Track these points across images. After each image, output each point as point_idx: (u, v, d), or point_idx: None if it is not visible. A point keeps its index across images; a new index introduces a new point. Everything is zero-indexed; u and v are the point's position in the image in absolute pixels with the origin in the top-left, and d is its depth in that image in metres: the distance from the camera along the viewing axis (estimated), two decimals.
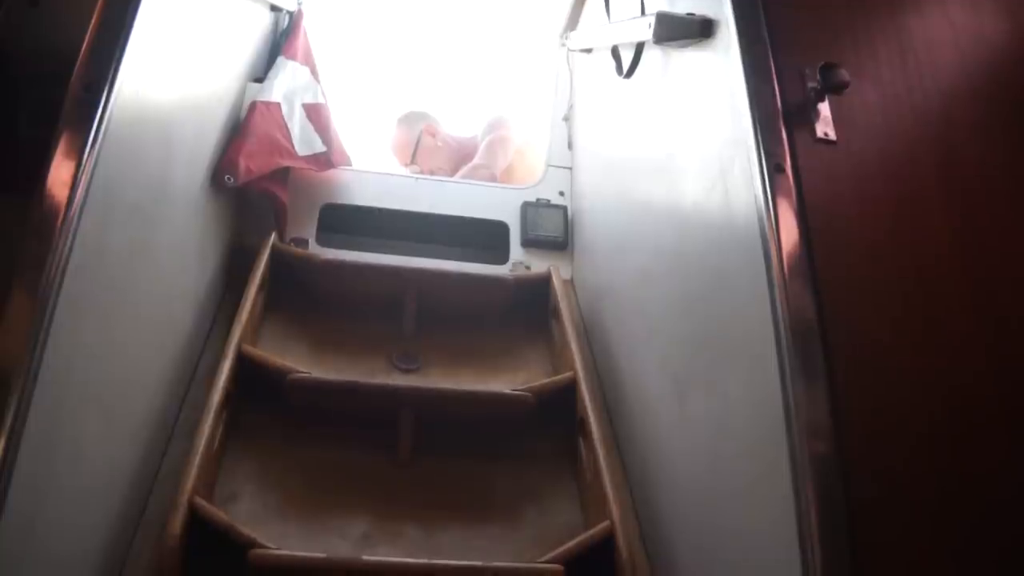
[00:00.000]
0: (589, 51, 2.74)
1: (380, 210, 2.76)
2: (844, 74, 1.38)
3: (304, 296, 2.39)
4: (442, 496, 1.90)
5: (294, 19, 2.86)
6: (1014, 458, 1.22)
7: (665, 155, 1.89)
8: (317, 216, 2.67)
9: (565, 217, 2.79)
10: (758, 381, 1.31)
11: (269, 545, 1.59)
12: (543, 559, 1.67)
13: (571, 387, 2.09)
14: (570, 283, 2.62)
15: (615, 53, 2.27)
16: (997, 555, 1.16)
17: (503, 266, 2.67)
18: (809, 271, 1.29)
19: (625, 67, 2.17)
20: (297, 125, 2.61)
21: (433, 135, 3.32)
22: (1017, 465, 1.22)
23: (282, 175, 2.56)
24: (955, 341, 1.30)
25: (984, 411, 1.25)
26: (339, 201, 2.74)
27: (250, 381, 1.98)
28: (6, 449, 1.07)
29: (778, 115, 1.42)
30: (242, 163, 2.29)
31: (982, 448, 1.23)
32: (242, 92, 2.53)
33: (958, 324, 1.31)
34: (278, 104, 2.56)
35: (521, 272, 2.61)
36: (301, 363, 2.10)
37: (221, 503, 1.74)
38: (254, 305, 2.18)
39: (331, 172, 2.73)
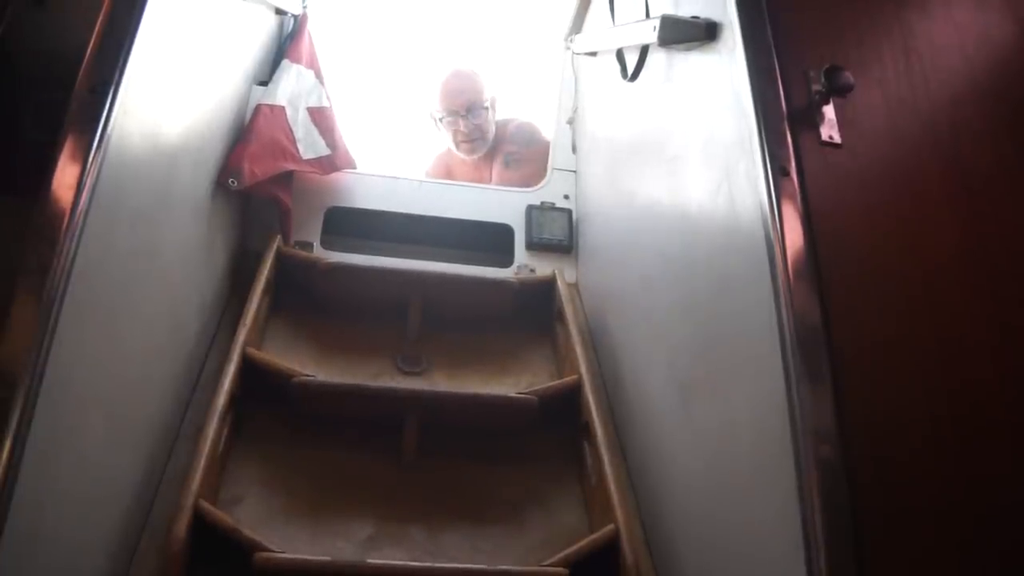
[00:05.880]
0: (594, 54, 2.73)
1: (385, 213, 2.76)
2: (849, 77, 1.38)
3: (309, 299, 2.39)
4: (447, 499, 1.90)
5: (299, 22, 2.86)
6: (1020, 463, 1.22)
7: (669, 158, 1.89)
8: (322, 219, 2.67)
9: (570, 220, 2.79)
10: (763, 385, 1.31)
11: (274, 548, 1.59)
12: (548, 562, 1.67)
13: (575, 391, 2.09)
14: (575, 286, 2.61)
15: (620, 56, 2.27)
16: (1001, 559, 1.16)
17: (508, 269, 2.67)
18: (814, 275, 1.29)
19: (630, 70, 2.17)
20: (301, 128, 2.61)
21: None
22: (1023, 470, 1.21)
23: (286, 179, 2.56)
24: (961, 345, 1.29)
25: (990, 415, 1.24)
26: (344, 204, 2.73)
27: (255, 384, 1.99)
28: (11, 453, 1.07)
29: (783, 118, 1.41)
30: (246, 166, 2.29)
31: (988, 452, 1.22)
32: (246, 95, 2.54)
33: (964, 328, 1.31)
34: (282, 107, 2.56)
35: (526, 275, 2.60)
36: (306, 366, 2.11)
37: (226, 506, 1.74)
38: (259, 308, 2.18)
39: (336, 175, 2.73)
